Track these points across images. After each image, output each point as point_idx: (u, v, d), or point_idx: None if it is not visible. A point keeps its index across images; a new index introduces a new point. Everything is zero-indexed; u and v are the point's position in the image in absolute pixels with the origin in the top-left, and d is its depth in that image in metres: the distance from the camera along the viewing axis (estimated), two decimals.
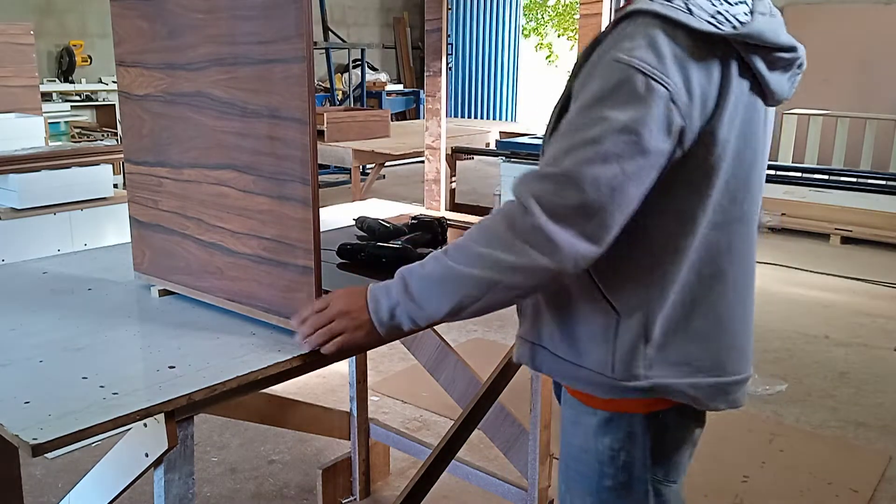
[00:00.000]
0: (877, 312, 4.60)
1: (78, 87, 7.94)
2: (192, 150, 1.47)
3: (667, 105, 1.07)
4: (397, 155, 5.26)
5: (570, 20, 13.25)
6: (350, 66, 9.39)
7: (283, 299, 1.37)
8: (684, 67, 1.08)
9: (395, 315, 1.20)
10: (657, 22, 1.09)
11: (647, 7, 1.10)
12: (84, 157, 3.24)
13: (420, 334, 2.39)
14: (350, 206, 2.44)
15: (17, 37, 4.36)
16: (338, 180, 8.37)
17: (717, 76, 1.11)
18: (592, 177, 1.06)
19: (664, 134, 1.08)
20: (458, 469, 2.41)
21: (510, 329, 4.16)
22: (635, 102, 1.06)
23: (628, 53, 1.08)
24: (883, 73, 7.72)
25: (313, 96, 1.26)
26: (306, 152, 1.27)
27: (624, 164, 1.06)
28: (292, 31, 1.24)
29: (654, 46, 1.07)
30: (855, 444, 3.07)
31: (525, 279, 1.11)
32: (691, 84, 1.09)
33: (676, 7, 1.09)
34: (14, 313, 1.48)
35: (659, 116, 1.07)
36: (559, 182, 1.08)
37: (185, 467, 1.21)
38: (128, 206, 1.66)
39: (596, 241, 1.09)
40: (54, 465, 2.71)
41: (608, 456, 1.29)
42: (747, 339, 1.30)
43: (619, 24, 1.13)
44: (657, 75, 1.06)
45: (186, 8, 1.41)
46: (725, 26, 1.11)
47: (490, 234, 1.12)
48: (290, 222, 1.32)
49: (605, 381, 1.24)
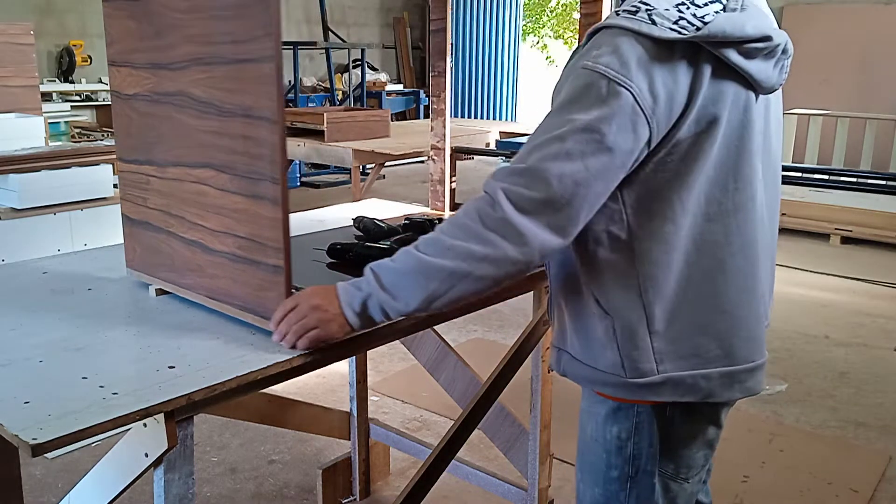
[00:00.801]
0: (877, 312, 4.60)
1: (78, 87, 7.94)
2: (175, 148, 1.49)
3: (631, 106, 1.13)
4: (397, 155, 5.25)
5: (568, 21, 13.24)
6: (350, 66, 9.39)
7: (257, 298, 1.38)
8: (648, 72, 1.14)
9: (368, 307, 1.24)
10: (623, 32, 1.17)
11: (613, 22, 1.18)
12: (84, 157, 3.24)
13: (420, 334, 2.39)
14: (350, 206, 2.44)
15: (17, 37, 4.36)
16: (338, 180, 8.38)
17: (686, 77, 1.16)
18: (558, 172, 1.13)
19: (629, 133, 1.14)
20: (458, 469, 2.41)
21: (510, 329, 4.16)
22: (599, 104, 1.13)
23: (594, 60, 1.16)
24: (883, 73, 7.71)
25: (282, 95, 1.27)
26: (275, 151, 1.28)
27: (587, 160, 1.13)
28: (261, 31, 1.25)
29: (618, 53, 1.14)
30: (855, 444, 3.07)
31: (494, 269, 1.17)
32: (655, 86, 1.14)
33: (639, 20, 1.16)
34: (14, 313, 1.48)
35: (622, 117, 1.13)
36: (526, 176, 1.15)
37: (185, 467, 1.21)
38: (120, 203, 1.69)
39: (561, 233, 1.16)
40: (54, 465, 2.71)
41: (616, 446, 1.33)
42: (757, 326, 1.32)
43: (592, 38, 1.22)
44: (620, 79, 1.13)
45: (168, 7, 1.43)
46: (689, 30, 1.15)
47: (460, 226, 1.18)
48: (262, 221, 1.33)
49: (620, 381, 1.28)
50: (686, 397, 1.27)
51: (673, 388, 1.26)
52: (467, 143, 6.31)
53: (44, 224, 3.06)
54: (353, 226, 1.99)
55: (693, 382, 1.26)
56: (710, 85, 1.18)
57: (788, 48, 1.25)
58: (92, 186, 3.21)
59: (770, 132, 1.35)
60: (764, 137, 1.32)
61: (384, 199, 2.58)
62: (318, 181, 8.43)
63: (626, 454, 1.33)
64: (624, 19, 1.17)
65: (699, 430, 1.35)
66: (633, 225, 1.23)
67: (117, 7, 1.56)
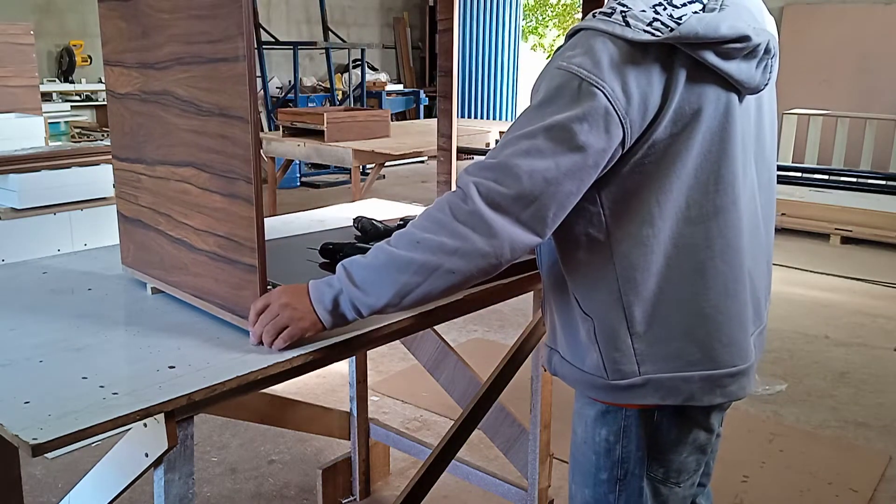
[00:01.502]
0: (877, 312, 4.60)
1: (78, 87, 7.96)
2: (161, 147, 1.50)
3: (604, 107, 1.13)
4: (397, 155, 5.25)
5: (570, 21, 13.24)
6: (350, 66, 9.39)
7: (235, 296, 1.38)
8: (621, 72, 1.14)
9: (339, 303, 1.24)
10: (598, 33, 1.17)
11: (589, 24, 1.19)
12: (84, 157, 3.25)
13: (420, 334, 2.39)
14: (350, 207, 2.44)
15: (17, 37, 4.36)
16: (338, 180, 8.38)
17: (661, 78, 1.16)
18: (528, 168, 1.14)
19: (601, 132, 1.14)
20: (458, 469, 2.41)
21: (510, 329, 4.17)
22: (572, 103, 1.14)
23: (568, 60, 1.16)
24: (883, 73, 7.72)
25: (255, 95, 1.27)
26: (248, 150, 1.28)
27: (558, 158, 1.14)
28: (234, 31, 1.25)
29: (591, 53, 1.15)
30: (855, 444, 3.07)
31: (464, 263, 1.17)
32: (629, 87, 1.14)
33: (614, 22, 1.17)
34: (14, 313, 1.48)
35: (594, 116, 1.13)
36: (497, 171, 1.15)
37: (185, 467, 1.21)
38: (116, 201, 1.70)
39: (532, 230, 1.17)
40: (54, 465, 2.71)
41: (604, 448, 1.34)
42: (740, 331, 1.29)
43: (569, 39, 1.23)
44: (593, 79, 1.14)
45: (154, 8, 1.45)
46: (663, 32, 1.15)
47: (431, 219, 1.19)
48: (239, 220, 1.34)
49: (604, 384, 1.29)
50: (668, 400, 1.27)
51: (654, 389, 1.26)
52: (467, 143, 6.32)
53: (44, 224, 3.06)
54: (353, 226, 1.99)
55: (673, 385, 1.26)
56: (687, 86, 1.17)
57: (772, 47, 1.23)
58: (92, 186, 3.21)
59: (764, 133, 1.34)
60: (757, 139, 1.31)
61: (384, 199, 2.58)
62: (318, 181, 8.44)
63: (614, 457, 1.33)
64: (599, 21, 1.18)
65: (688, 434, 1.34)
66: (612, 227, 1.23)
67: (110, 8, 1.58)
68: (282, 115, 5.85)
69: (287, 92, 9.01)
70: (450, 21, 2.24)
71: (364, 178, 6.55)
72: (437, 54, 2.30)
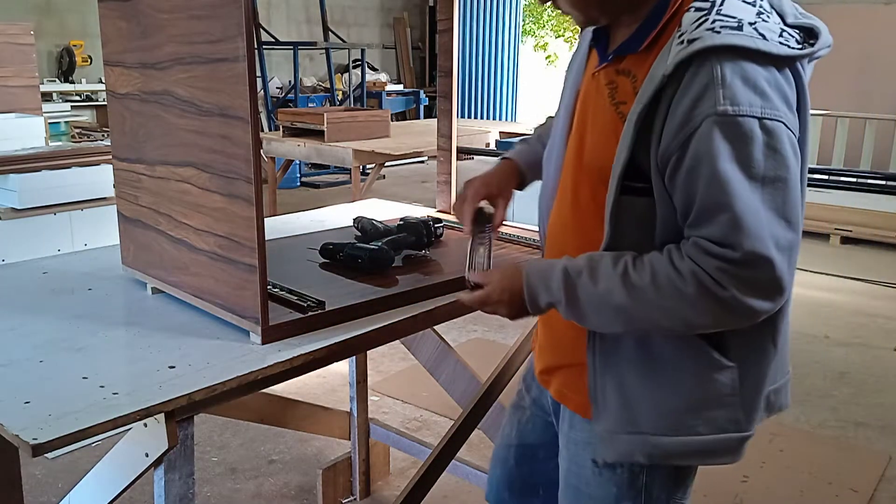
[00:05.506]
0: (877, 312, 4.60)
1: (78, 87, 7.96)
2: (162, 147, 1.51)
3: (789, 137, 1.05)
4: (397, 155, 5.25)
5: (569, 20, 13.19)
6: (350, 66, 9.39)
7: (236, 297, 1.38)
8: (781, 92, 1.05)
9: (553, 308, 1.21)
10: (734, 56, 1.02)
11: (719, 43, 1.02)
12: (84, 157, 3.25)
13: (420, 334, 2.39)
14: (350, 207, 2.44)
15: (17, 37, 4.37)
16: (338, 180, 8.38)
17: (793, 88, 1.09)
18: (776, 246, 1.04)
19: (796, 162, 1.07)
20: (458, 469, 2.41)
21: (510, 329, 4.16)
22: (769, 152, 1.03)
23: (732, 103, 1.01)
24: (883, 73, 7.72)
25: (255, 95, 1.27)
26: (248, 150, 1.28)
27: (790, 214, 1.05)
28: (234, 31, 1.26)
29: (750, 84, 1.02)
30: (855, 444, 3.07)
31: (695, 328, 1.13)
32: (790, 104, 1.07)
33: (749, 35, 1.03)
34: (14, 313, 1.48)
35: (789, 152, 1.05)
36: (748, 264, 1.04)
37: (185, 467, 1.21)
38: (116, 201, 1.70)
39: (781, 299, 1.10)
40: (54, 465, 2.71)
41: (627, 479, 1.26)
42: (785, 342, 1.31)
43: (690, 68, 1.04)
44: (770, 114, 1.02)
45: (154, 8, 1.45)
46: (791, 42, 1.07)
47: (678, 293, 1.08)
48: (239, 220, 1.34)
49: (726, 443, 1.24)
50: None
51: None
52: (467, 143, 6.31)
53: (44, 224, 3.07)
54: (353, 226, 1.99)
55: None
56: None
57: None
58: (92, 186, 3.21)
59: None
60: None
61: (384, 200, 2.58)
62: (319, 181, 8.44)
63: (639, 485, 1.26)
64: (731, 36, 1.02)
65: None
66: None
67: (110, 8, 1.58)
68: (282, 115, 5.85)
69: (287, 92, 9.01)
70: (450, 21, 2.24)
71: (364, 178, 6.55)
72: (437, 54, 2.30)
